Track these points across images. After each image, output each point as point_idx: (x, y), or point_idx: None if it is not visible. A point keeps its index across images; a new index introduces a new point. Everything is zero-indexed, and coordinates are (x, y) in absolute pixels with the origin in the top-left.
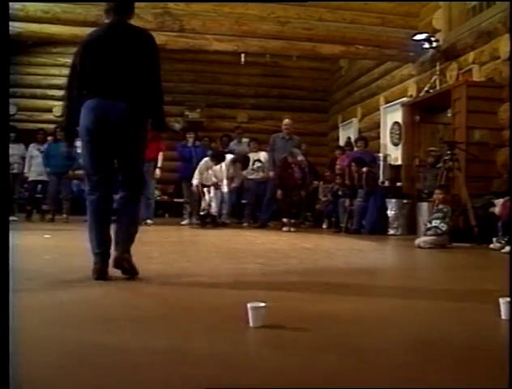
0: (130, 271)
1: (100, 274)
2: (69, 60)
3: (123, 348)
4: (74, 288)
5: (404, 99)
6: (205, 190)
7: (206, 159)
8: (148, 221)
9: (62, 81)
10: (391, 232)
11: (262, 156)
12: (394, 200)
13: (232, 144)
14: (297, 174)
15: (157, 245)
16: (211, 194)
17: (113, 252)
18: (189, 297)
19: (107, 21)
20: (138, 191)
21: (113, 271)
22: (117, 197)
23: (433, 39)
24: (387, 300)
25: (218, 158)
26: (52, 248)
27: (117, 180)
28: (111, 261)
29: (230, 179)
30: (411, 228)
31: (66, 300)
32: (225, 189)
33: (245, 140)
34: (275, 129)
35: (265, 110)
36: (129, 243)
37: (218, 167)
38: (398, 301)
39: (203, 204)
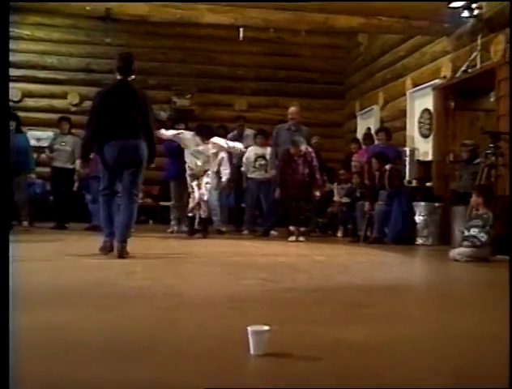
0: (122, 255)
1: (110, 249)
2: (28, 32)
3: (96, 385)
4: (39, 310)
5: (436, 81)
6: (193, 184)
7: (191, 134)
8: None
9: (21, 58)
10: (420, 241)
11: (269, 152)
12: (423, 203)
13: (232, 137)
14: (303, 169)
15: (139, 258)
16: (202, 189)
17: (115, 243)
18: (178, 321)
19: (118, 77)
20: (134, 196)
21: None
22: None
23: (473, 6)
24: (415, 324)
25: (205, 132)
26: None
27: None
28: (115, 249)
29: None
30: (444, 237)
31: (29, 324)
32: (209, 177)
33: (248, 133)
34: (280, 119)
35: (268, 96)
36: (126, 234)
37: (204, 146)
38: (427, 325)
39: (191, 203)
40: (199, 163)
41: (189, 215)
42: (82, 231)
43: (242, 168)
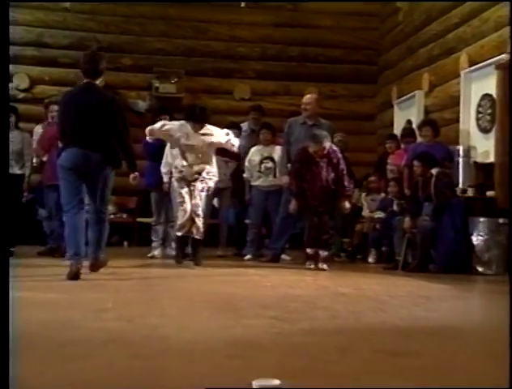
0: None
1: (75, 276)
2: None
3: None
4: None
5: (502, 57)
6: (183, 191)
7: (178, 124)
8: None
9: None
10: (479, 269)
11: (277, 152)
12: (482, 219)
13: (244, 132)
14: (326, 174)
15: (111, 291)
16: (196, 199)
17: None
18: (163, 373)
19: (84, 80)
20: (102, 216)
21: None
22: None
23: None
24: (470, 380)
25: (199, 115)
26: None
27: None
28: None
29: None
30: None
31: None
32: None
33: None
34: (292, 110)
35: (277, 80)
36: (99, 250)
37: (195, 138)
38: (488, 382)
39: (180, 218)
40: (190, 161)
41: (179, 234)
42: (34, 256)
43: (244, 174)
